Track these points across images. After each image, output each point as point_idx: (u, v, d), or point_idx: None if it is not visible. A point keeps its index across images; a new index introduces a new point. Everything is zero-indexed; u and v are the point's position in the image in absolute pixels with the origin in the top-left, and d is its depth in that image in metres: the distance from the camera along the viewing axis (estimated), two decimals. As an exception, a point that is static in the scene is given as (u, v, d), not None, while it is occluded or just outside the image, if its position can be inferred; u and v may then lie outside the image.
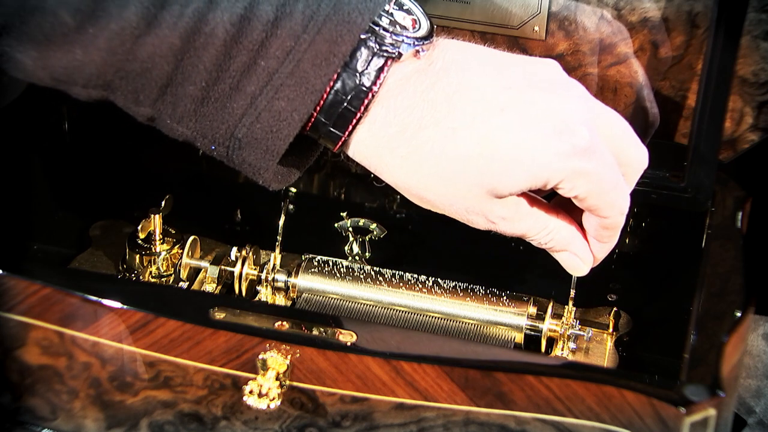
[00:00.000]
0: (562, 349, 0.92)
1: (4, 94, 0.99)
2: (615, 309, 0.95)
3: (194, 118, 0.72)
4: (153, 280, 0.98)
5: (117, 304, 0.78)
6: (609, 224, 0.78)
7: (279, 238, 0.96)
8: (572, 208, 0.78)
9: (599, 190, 0.74)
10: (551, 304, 0.93)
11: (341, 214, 0.98)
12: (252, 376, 0.77)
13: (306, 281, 0.96)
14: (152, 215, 0.97)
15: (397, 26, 0.72)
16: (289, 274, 0.96)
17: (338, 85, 0.71)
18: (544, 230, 0.78)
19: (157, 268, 0.98)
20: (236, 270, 0.96)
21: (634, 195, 0.91)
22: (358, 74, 0.71)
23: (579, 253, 0.81)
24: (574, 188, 0.73)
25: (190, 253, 0.98)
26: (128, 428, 0.84)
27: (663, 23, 0.90)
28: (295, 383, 0.77)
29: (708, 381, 0.73)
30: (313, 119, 0.72)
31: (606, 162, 0.74)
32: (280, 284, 0.96)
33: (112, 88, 0.71)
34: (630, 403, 0.73)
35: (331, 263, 0.97)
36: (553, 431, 0.76)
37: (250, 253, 0.96)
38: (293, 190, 0.97)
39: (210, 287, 0.98)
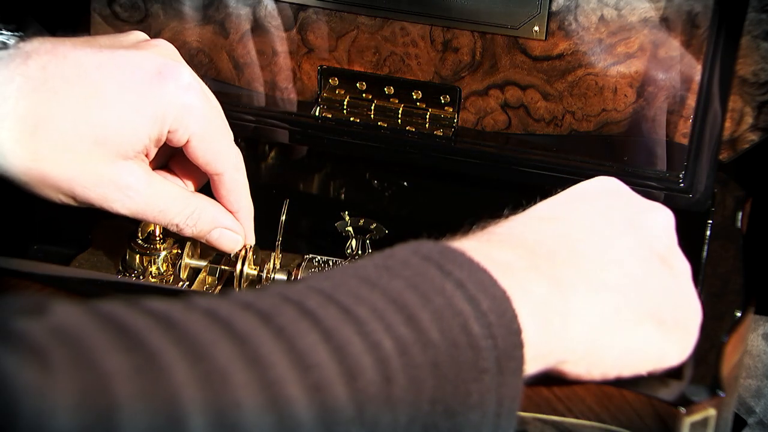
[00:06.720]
0: (562, 349, 0.91)
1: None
2: (615, 309, 0.95)
3: None
4: (153, 280, 0.98)
5: (117, 304, 0.78)
6: (230, 182, 0.80)
7: (279, 238, 0.96)
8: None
9: (207, 131, 0.76)
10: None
11: (341, 214, 0.98)
12: (252, 376, 0.77)
13: (306, 281, 0.96)
14: (152, 215, 0.97)
15: None
16: (289, 274, 0.96)
17: None
18: (187, 209, 0.80)
19: (157, 268, 0.98)
20: (236, 270, 0.96)
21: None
22: None
23: (230, 226, 0.82)
24: (184, 126, 0.75)
25: (190, 253, 0.98)
26: (128, 428, 0.84)
27: (663, 23, 0.90)
28: (295, 383, 0.77)
29: (708, 381, 0.73)
30: None
31: (212, 104, 0.77)
32: (280, 284, 0.96)
33: None
34: (630, 403, 0.73)
35: (331, 263, 0.97)
36: (553, 431, 0.76)
37: (250, 253, 0.96)
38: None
39: (210, 287, 0.98)
